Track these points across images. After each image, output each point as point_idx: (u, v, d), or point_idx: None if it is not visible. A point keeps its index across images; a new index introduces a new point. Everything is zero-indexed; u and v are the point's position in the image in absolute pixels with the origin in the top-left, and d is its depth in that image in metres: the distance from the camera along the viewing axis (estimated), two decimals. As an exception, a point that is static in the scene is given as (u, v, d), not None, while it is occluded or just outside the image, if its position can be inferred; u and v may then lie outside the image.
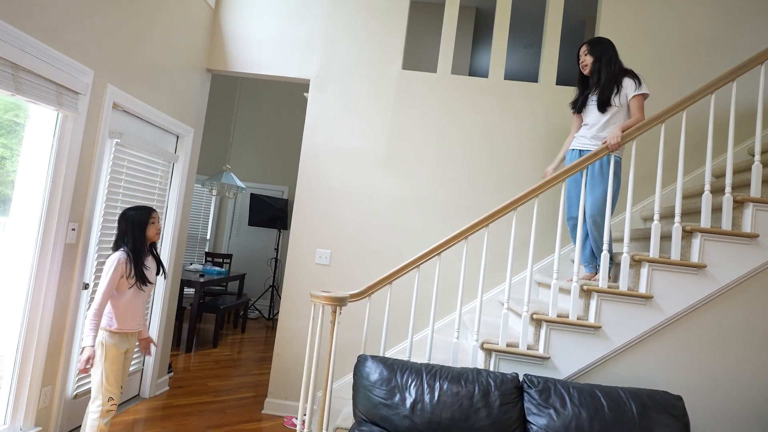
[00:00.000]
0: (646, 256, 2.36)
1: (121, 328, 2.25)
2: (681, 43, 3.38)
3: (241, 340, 5.39)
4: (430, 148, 3.42)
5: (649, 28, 3.41)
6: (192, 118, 3.50)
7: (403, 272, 2.43)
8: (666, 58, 3.37)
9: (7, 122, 2.26)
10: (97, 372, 2.18)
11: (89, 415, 2.17)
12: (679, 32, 3.39)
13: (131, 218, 2.30)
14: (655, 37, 3.40)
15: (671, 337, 2.34)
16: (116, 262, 2.21)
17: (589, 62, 2.68)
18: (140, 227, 2.31)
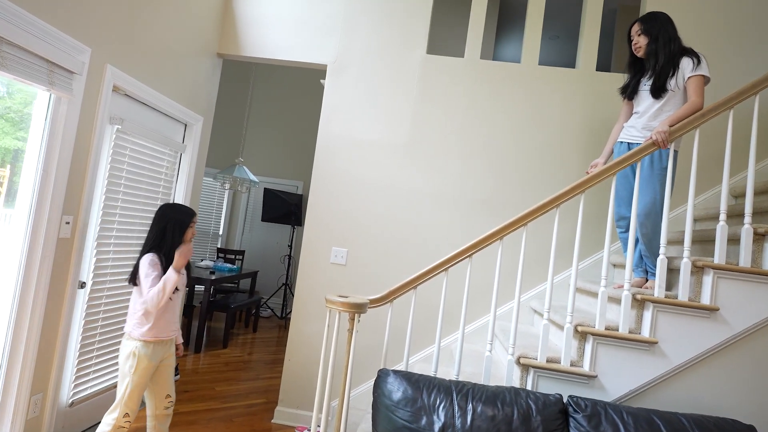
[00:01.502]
0: (710, 262, 2.05)
1: (157, 336, 2.08)
2: (746, 19, 3.03)
3: (253, 341, 5.18)
4: (455, 139, 3.14)
5: (701, 11, 3.07)
6: (201, 106, 3.27)
7: (430, 276, 2.16)
8: (728, 36, 3.03)
9: (27, 116, 2.08)
10: (123, 383, 2.03)
11: (101, 427, 2.04)
12: (743, 6, 3.05)
13: (174, 218, 2.13)
14: (714, 14, 3.06)
15: (740, 356, 2.03)
16: (154, 262, 2.05)
17: (643, 44, 2.36)
18: (181, 229, 2.14)
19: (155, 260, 2.06)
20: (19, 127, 2.07)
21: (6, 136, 2.04)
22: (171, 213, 2.14)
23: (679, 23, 3.09)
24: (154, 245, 2.10)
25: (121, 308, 2.75)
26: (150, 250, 2.09)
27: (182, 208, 2.17)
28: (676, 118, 2.16)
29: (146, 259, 2.05)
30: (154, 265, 2.05)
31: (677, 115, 2.17)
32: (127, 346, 2.04)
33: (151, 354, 2.06)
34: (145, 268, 2.04)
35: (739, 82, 2.98)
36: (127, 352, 2.03)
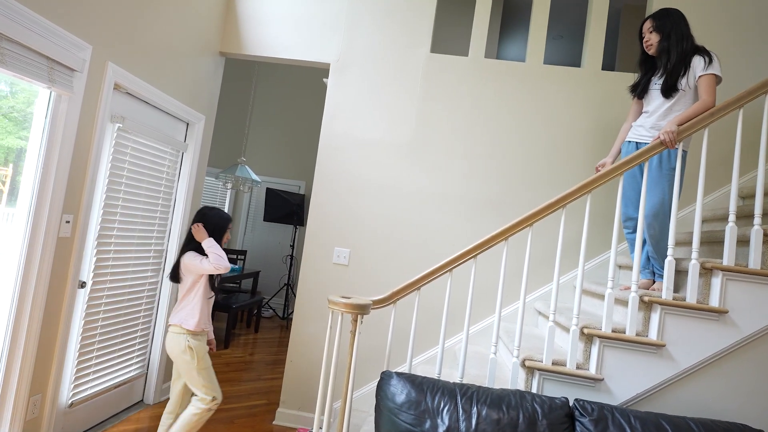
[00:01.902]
0: (719, 263, 2.02)
1: (201, 327, 2.26)
2: (752, 18, 3.00)
3: (254, 341, 5.16)
4: (460, 138, 3.11)
5: (710, 11, 3.04)
6: (203, 105, 3.25)
7: (434, 276, 2.13)
8: (734, 35, 2.99)
9: (29, 115, 2.07)
10: (191, 375, 2.21)
11: (189, 408, 2.21)
12: (750, 5, 3.01)
13: (213, 221, 2.31)
14: (720, 12, 3.02)
15: (749, 360, 2.00)
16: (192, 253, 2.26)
17: (654, 41, 2.31)
18: (220, 232, 2.33)
19: (194, 253, 2.27)
20: (22, 126, 2.05)
21: (9, 135, 2.02)
22: (210, 217, 2.31)
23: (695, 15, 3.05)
24: (193, 246, 2.30)
25: (121, 308, 2.73)
26: (190, 249, 2.29)
27: (221, 213, 2.35)
28: (685, 117, 2.12)
29: (189, 255, 2.26)
30: (196, 254, 2.26)
31: (686, 114, 2.13)
32: (179, 342, 2.21)
33: (201, 342, 2.26)
34: (193, 257, 2.24)
35: (745, 81, 2.94)
36: (181, 347, 2.20)
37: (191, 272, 2.27)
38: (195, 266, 2.23)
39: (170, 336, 2.24)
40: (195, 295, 2.27)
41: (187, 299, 2.27)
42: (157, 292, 3.06)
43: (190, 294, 2.27)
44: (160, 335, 3.08)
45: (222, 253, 2.23)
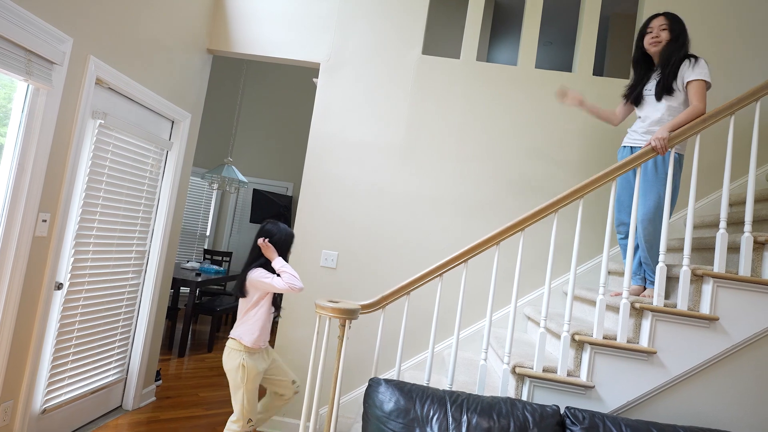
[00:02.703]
0: (710, 270, 2.01)
1: (258, 344, 2.23)
2: (736, 29, 3.02)
3: (239, 344, 5.06)
4: (451, 141, 3.08)
5: (699, 21, 3.06)
6: (189, 103, 3.17)
7: (424, 281, 2.09)
8: (720, 45, 3.02)
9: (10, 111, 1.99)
10: (238, 392, 2.20)
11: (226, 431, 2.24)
12: (733, 18, 3.04)
13: (281, 238, 2.30)
14: (708, 24, 3.05)
15: (739, 367, 1.99)
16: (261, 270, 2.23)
17: (664, 39, 2.28)
18: (287, 248, 2.34)
19: (264, 271, 2.24)
20: (2, 123, 1.96)
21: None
22: (278, 234, 2.30)
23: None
24: (260, 262, 2.27)
25: (100, 310, 2.64)
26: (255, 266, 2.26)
27: (286, 230, 2.34)
28: (677, 123, 2.12)
29: (258, 272, 2.23)
30: (266, 272, 2.23)
31: (678, 120, 2.12)
32: (234, 359, 2.20)
33: (257, 362, 2.24)
34: (262, 274, 2.21)
35: (738, 88, 2.96)
36: (236, 364, 2.19)
37: (259, 289, 2.24)
38: (265, 284, 2.21)
39: (227, 350, 2.24)
40: (257, 311, 2.25)
41: (249, 315, 2.25)
42: (138, 294, 2.97)
43: (253, 310, 2.25)
44: (141, 338, 2.98)
45: (295, 273, 2.21)
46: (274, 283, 2.19)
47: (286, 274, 2.19)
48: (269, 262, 2.28)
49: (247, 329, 2.22)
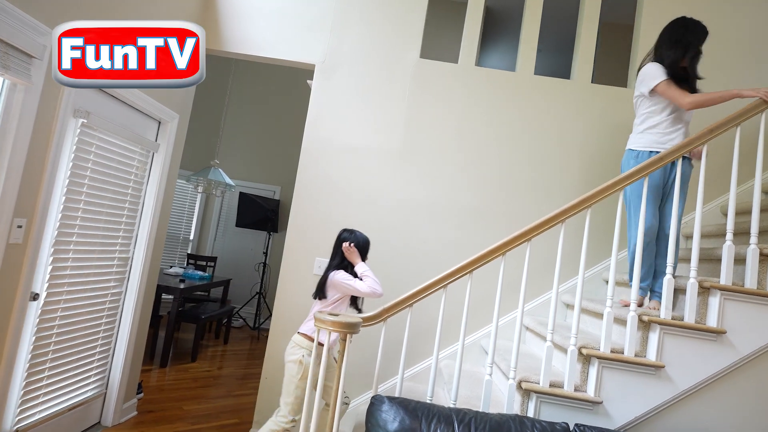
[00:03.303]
0: (717, 282, 1.97)
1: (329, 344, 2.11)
2: (731, 43, 3.03)
3: (223, 353, 4.90)
4: (450, 146, 3.01)
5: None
6: (177, 103, 3.04)
7: (428, 292, 2.01)
8: (717, 58, 3.02)
9: None
10: (290, 388, 2.18)
11: (268, 424, 2.20)
12: (728, 31, 3.04)
13: (359, 243, 2.36)
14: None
15: (746, 381, 1.95)
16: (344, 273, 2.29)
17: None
18: (364, 250, 2.38)
19: (346, 274, 2.29)
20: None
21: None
22: (355, 240, 2.35)
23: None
24: (342, 265, 2.33)
25: (79, 321, 2.49)
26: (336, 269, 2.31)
27: (363, 236, 2.40)
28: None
29: (341, 274, 2.28)
30: (349, 275, 2.28)
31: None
32: (296, 353, 2.20)
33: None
34: (345, 276, 2.27)
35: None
36: (295, 358, 2.19)
37: (339, 290, 2.28)
38: (348, 287, 2.25)
39: (292, 344, 2.25)
40: (337, 306, 2.29)
41: (325, 308, 2.28)
42: (120, 303, 2.82)
43: (328, 308, 2.27)
44: (123, 350, 2.83)
45: (377, 279, 2.27)
46: (356, 286, 2.23)
47: (369, 278, 2.25)
48: (350, 266, 2.34)
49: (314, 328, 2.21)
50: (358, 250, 2.35)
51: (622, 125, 3.00)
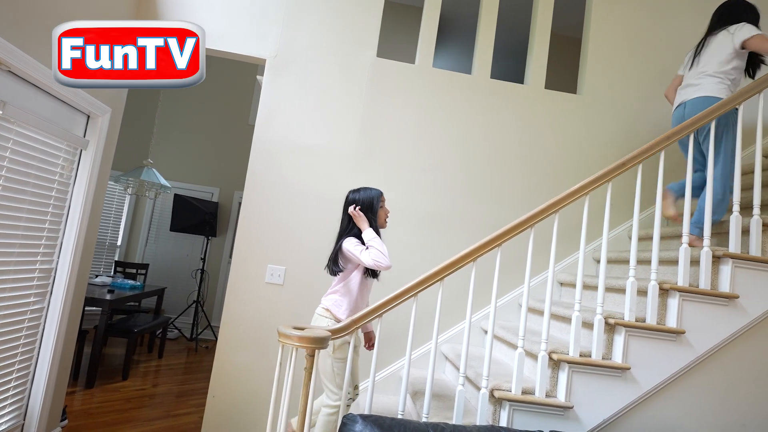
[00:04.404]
0: (675, 284, 2.04)
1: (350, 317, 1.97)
2: (667, 60, 3.21)
3: (158, 369, 4.52)
4: (408, 148, 2.94)
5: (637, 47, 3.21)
6: (109, 95, 2.72)
7: (398, 301, 1.91)
8: (655, 73, 3.18)
9: None
10: (326, 365, 2.05)
11: (323, 409, 2.06)
12: (665, 50, 3.22)
13: (365, 201, 2.18)
14: (644, 56, 3.21)
15: (703, 378, 2.04)
16: (354, 240, 2.12)
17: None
18: (371, 210, 2.19)
19: (356, 240, 2.12)
20: None
21: None
22: (360, 199, 2.19)
23: (613, 54, 3.18)
24: (349, 232, 2.17)
25: (-8, 345, 2.14)
26: (346, 236, 2.15)
27: (368, 191, 2.21)
28: None
29: (349, 242, 2.11)
30: (357, 243, 2.11)
31: None
32: (320, 324, 2.06)
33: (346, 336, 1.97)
34: (353, 246, 2.09)
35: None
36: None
37: (349, 260, 2.15)
38: (354, 256, 2.08)
39: (315, 316, 2.16)
40: (349, 282, 2.15)
41: (340, 285, 2.17)
42: (41, 320, 2.47)
43: (344, 281, 2.16)
44: (44, 374, 2.48)
45: (384, 249, 2.06)
46: (361, 257, 2.06)
47: (374, 249, 2.05)
48: (361, 232, 2.16)
49: (338, 301, 2.14)
50: (365, 209, 2.18)
51: (574, 130, 3.08)
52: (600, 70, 3.16)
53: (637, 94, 3.16)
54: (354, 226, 2.18)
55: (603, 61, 3.17)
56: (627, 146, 3.04)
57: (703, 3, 3.27)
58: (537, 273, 2.88)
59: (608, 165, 2.14)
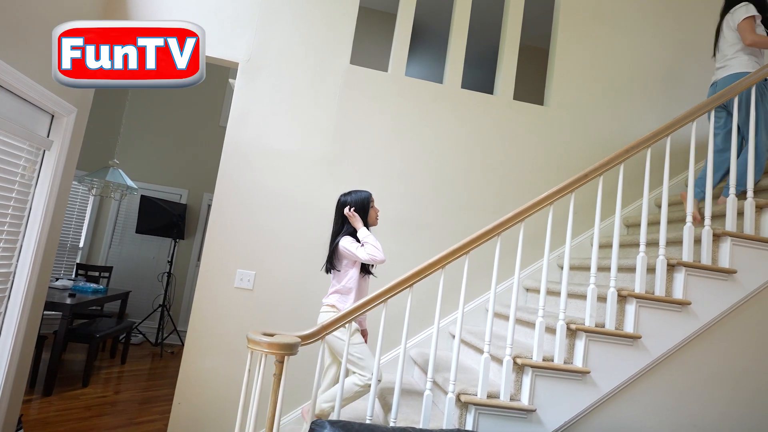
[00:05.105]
0: (632, 291, 2.14)
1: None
2: (629, 75, 3.36)
3: (120, 375, 4.40)
4: (380, 154, 2.97)
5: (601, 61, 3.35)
6: (76, 94, 2.65)
7: (369, 307, 1.93)
8: (618, 87, 3.33)
9: None
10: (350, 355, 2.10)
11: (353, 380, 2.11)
12: (627, 65, 3.37)
13: (357, 203, 2.31)
14: (607, 70, 3.35)
15: (656, 381, 2.14)
16: (349, 238, 2.25)
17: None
18: (363, 210, 2.32)
19: (351, 239, 2.26)
20: None
21: None
22: (352, 201, 2.32)
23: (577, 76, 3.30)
24: (344, 232, 2.29)
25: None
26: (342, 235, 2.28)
27: (359, 194, 2.35)
28: None
29: (345, 240, 2.25)
30: (352, 241, 2.24)
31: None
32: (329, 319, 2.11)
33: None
34: (349, 244, 2.23)
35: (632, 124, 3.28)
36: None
37: (346, 257, 2.26)
38: (351, 252, 2.21)
39: (322, 315, 2.25)
40: (346, 281, 2.26)
41: (339, 285, 2.27)
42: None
43: (341, 280, 2.27)
44: (2, 375, 2.38)
45: (378, 245, 2.21)
46: (357, 252, 2.20)
47: (369, 245, 2.20)
48: (355, 231, 2.29)
49: (340, 298, 2.25)
50: (358, 210, 2.30)
51: (540, 141, 3.18)
52: (565, 82, 3.27)
53: (600, 108, 3.30)
54: (348, 226, 2.31)
55: (568, 75, 3.29)
56: (591, 157, 3.15)
57: (664, 21, 3.45)
58: (504, 279, 2.96)
59: (573, 175, 2.22)
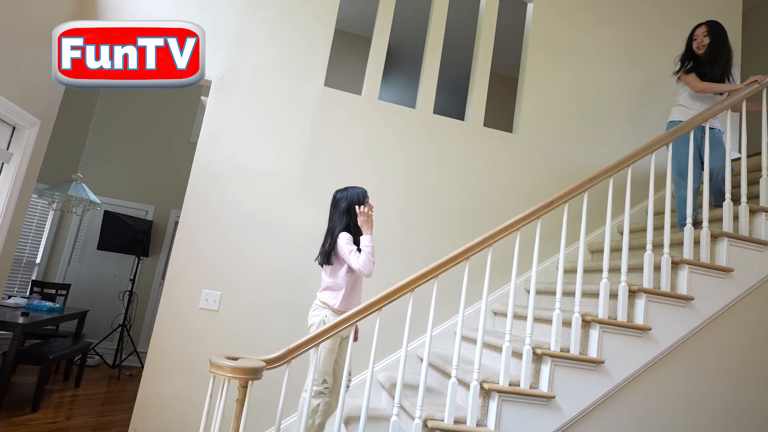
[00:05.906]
0: (596, 316, 2.19)
1: (347, 308, 2.15)
2: (595, 106, 3.51)
3: (74, 399, 4.17)
4: (352, 175, 2.98)
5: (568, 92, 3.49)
6: (40, 107, 2.58)
7: (335, 331, 1.91)
8: (584, 117, 3.46)
9: None
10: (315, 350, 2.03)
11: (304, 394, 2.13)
12: (593, 97, 3.52)
13: (347, 197, 2.31)
14: (574, 101, 3.49)
15: (620, 404, 2.18)
16: (349, 238, 2.23)
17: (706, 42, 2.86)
18: (358, 205, 2.28)
19: (349, 236, 2.24)
20: None
21: None
22: (343, 194, 2.33)
23: (545, 103, 3.43)
24: (342, 229, 2.27)
25: None
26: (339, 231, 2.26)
27: (354, 188, 2.34)
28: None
29: (342, 237, 2.23)
30: (350, 241, 2.23)
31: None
32: (317, 316, 2.22)
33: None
34: (344, 243, 2.21)
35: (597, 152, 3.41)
36: (317, 321, 2.20)
37: (340, 254, 2.23)
38: (344, 252, 2.20)
39: (314, 307, 2.27)
40: (338, 277, 2.25)
41: (331, 281, 2.27)
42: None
43: (334, 276, 2.26)
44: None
45: (373, 257, 2.19)
46: (350, 258, 2.18)
47: (365, 254, 2.17)
48: (352, 227, 2.28)
49: (332, 294, 2.25)
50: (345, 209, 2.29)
51: (509, 167, 3.26)
52: (534, 111, 3.39)
53: (567, 136, 3.42)
54: (344, 220, 2.28)
55: (537, 104, 3.40)
56: (559, 184, 3.24)
57: (630, 58, 3.62)
58: (472, 302, 2.98)
59: (540, 202, 2.28)
